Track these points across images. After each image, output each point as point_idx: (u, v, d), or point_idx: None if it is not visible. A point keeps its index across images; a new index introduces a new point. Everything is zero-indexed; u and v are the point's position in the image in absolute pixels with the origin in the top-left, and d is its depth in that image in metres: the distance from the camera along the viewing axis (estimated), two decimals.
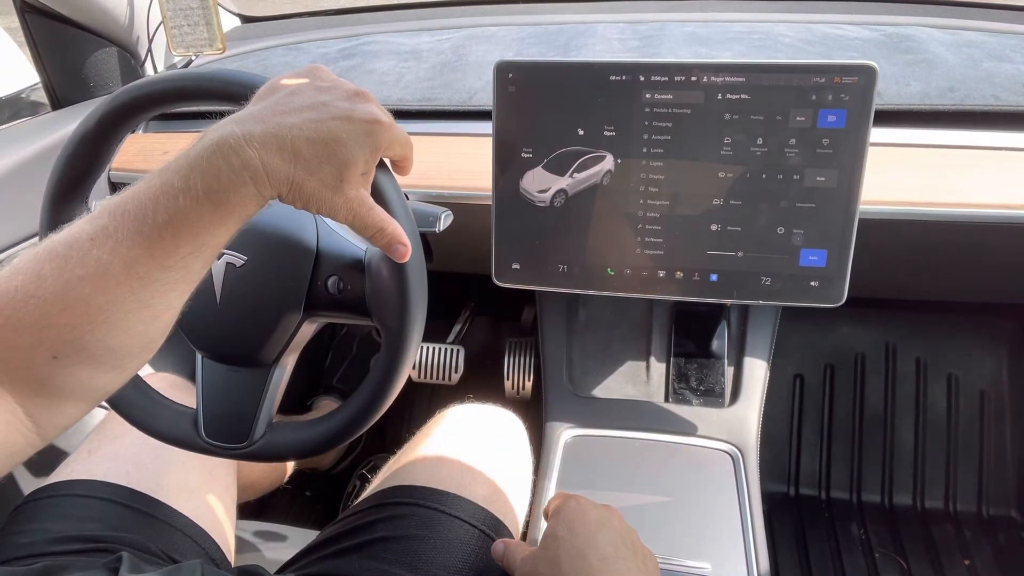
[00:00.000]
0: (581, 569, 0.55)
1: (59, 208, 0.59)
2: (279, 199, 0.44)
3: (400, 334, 0.56)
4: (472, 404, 0.89)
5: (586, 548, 0.56)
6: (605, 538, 0.57)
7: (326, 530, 0.76)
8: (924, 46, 1.01)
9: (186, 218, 0.40)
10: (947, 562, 1.18)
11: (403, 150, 0.51)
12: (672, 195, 0.76)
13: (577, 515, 0.60)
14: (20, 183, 0.90)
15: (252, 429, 0.60)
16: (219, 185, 0.40)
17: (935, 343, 1.33)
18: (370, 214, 0.47)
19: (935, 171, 0.82)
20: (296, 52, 1.19)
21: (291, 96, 0.45)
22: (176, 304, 0.43)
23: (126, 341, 0.41)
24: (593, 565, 0.55)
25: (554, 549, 0.57)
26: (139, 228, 0.39)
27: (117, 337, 0.41)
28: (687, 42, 1.09)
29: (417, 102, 0.97)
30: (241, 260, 0.57)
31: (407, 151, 0.52)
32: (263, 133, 0.42)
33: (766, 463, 1.25)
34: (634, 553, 0.58)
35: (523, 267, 0.82)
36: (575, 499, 0.62)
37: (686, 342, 0.97)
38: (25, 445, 0.41)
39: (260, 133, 0.42)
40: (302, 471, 1.32)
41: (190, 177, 0.40)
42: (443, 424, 0.84)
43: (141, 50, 1.13)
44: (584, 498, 0.63)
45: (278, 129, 0.42)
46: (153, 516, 0.71)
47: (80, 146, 0.57)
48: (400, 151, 0.51)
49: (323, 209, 0.45)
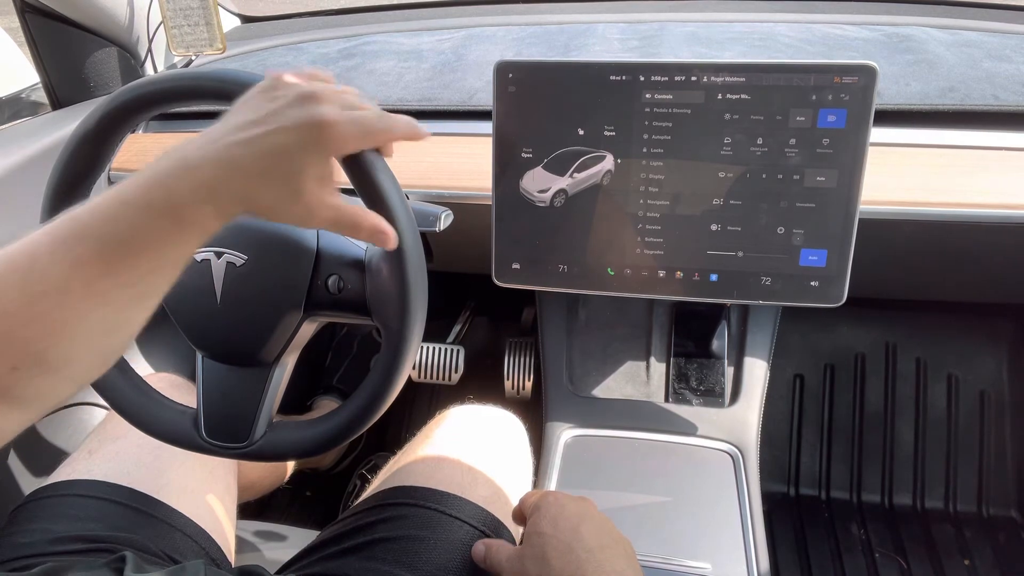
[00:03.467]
0: (569, 563, 0.55)
1: (59, 208, 0.59)
2: (245, 215, 0.45)
3: (400, 334, 0.56)
4: (472, 405, 0.89)
5: (572, 541, 0.57)
6: (588, 530, 0.58)
7: (326, 530, 0.76)
8: (924, 46, 1.01)
9: (146, 235, 0.40)
10: (947, 562, 1.18)
11: (373, 139, 0.49)
12: (672, 195, 0.76)
13: (558, 510, 0.60)
14: (20, 183, 0.90)
15: (252, 429, 0.60)
16: (179, 203, 0.41)
17: (935, 343, 1.33)
18: (340, 215, 0.47)
19: (935, 171, 0.82)
20: (296, 52, 1.19)
21: (244, 112, 0.45)
22: (138, 319, 0.43)
23: (86, 355, 0.41)
24: (581, 557, 0.55)
25: (540, 546, 0.58)
26: (99, 246, 0.39)
27: (77, 351, 0.41)
28: (687, 42, 1.09)
29: (417, 102, 0.97)
30: (241, 260, 0.57)
31: (382, 136, 0.49)
32: (215, 152, 0.42)
33: (766, 463, 1.26)
34: (615, 541, 0.59)
35: (523, 267, 0.82)
36: (552, 494, 0.63)
37: (686, 342, 0.97)
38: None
39: (214, 152, 0.42)
40: (302, 471, 1.32)
41: (151, 194, 0.40)
42: (443, 425, 0.84)
43: (141, 50, 1.13)
44: (561, 492, 0.64)
45: (228, 148, 0.42)
46: (153, 516, 0.71)
47: (80, 146, 0.57)
48: (370, 140, 0.49)
49: (291, 220, 0.45)
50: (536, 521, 0.61)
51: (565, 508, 0.61)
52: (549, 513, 0.60)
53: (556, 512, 0.60)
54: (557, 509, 0.61)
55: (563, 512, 0.60)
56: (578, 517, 0.59)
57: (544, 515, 0.60)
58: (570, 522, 0.59)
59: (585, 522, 0.59)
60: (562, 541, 0.57)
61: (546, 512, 0.61)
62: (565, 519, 0.59)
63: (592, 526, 0.59)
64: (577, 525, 0.59)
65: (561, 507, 0.61)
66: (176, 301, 0.60)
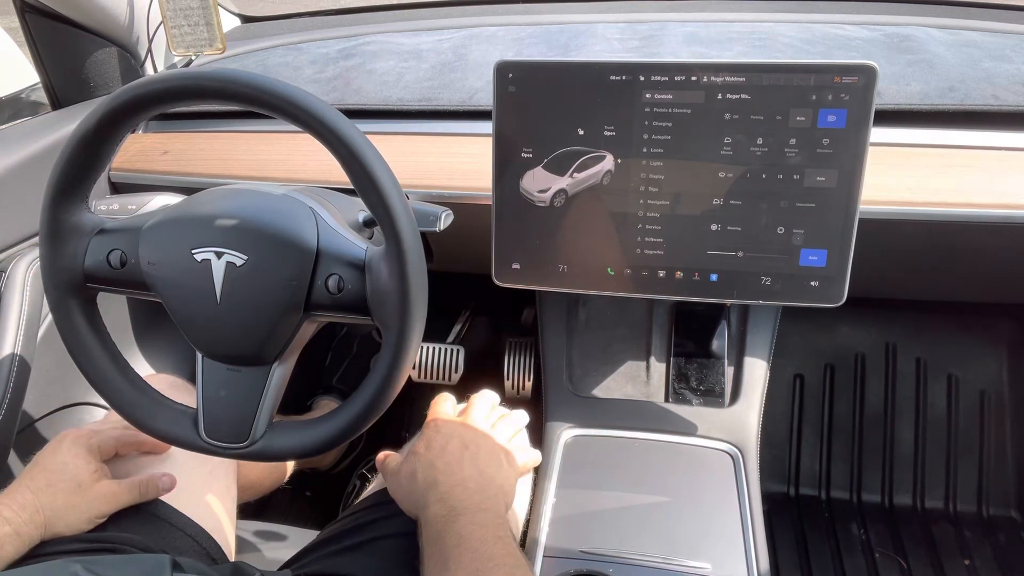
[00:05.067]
0: (427, 478, 0.64)
1: (59, 208, 0.59)
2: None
3: (400, 334, 0.56)
4: None
5: (435, 460, 0.66)
6: (453, 448, 0.67)
7: (326, 530, 0.76)
8: (924, 46, 1.01)
9: None
10: (947, 562, 1.18)
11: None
12: (672, 195, 0.76)
13: (433, 431, 0.70)
14: (20, 183, 0.90)
15: (252, 429, 0.60)
16: None
17: (935, 343, 1.33)
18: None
19: (935, 171, 0.82)
20: (296, 52, 1.19)
21: None
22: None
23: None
24: (437, 468, 0.64)
25: (412, 463, 0.67)
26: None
27: None
28: (687, 42, 1.09)
29: (417, 102, 0.97)
30: (241, 259, 0.57)
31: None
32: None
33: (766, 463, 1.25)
34: (488, 452, 0.68)
35: (523, 267, 0.82)
36: (435, 420, 0.72)
37: (686, 342, 0.97)
38: None
39: None
40: (302, 471, 1.32)
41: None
42: None
43: (141, 50, 1.13)
44: (443, 418, 0.72)
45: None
46: (153, 515, 0.71)
47: (80, 146, 0.57)
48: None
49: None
50: (415, 441, 0.71)
51: (440, 431, 0.70)
52: (426, 434, 0.70)
53: (431, 434, 0.69)
54: (433, 431, 0.70)
55: (437, 434, 0.69)
56: (446, 438, 0.68)
57: (423, 436, 0.70)
58: (439, 442, 0.67)
59: (452, 441, 0.68)
60: (427, 459, 0.66)
61: (424, 434, 0.70)
62: (437, 440, 0.68)
63: (456, 444, 0.67)
64: (445, 445, 0.67)
65: (436, 429, 0.70)
66: (176, 301, 0.60)
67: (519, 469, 0.72)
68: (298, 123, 0.54)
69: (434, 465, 0.65)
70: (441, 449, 0.67)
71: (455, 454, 0.66)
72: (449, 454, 0.66)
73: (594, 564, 0.72)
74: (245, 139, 0.99)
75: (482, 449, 0.68)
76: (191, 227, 0.59)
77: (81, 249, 0.60)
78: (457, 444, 0.68)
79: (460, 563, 0.54)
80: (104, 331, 0.64)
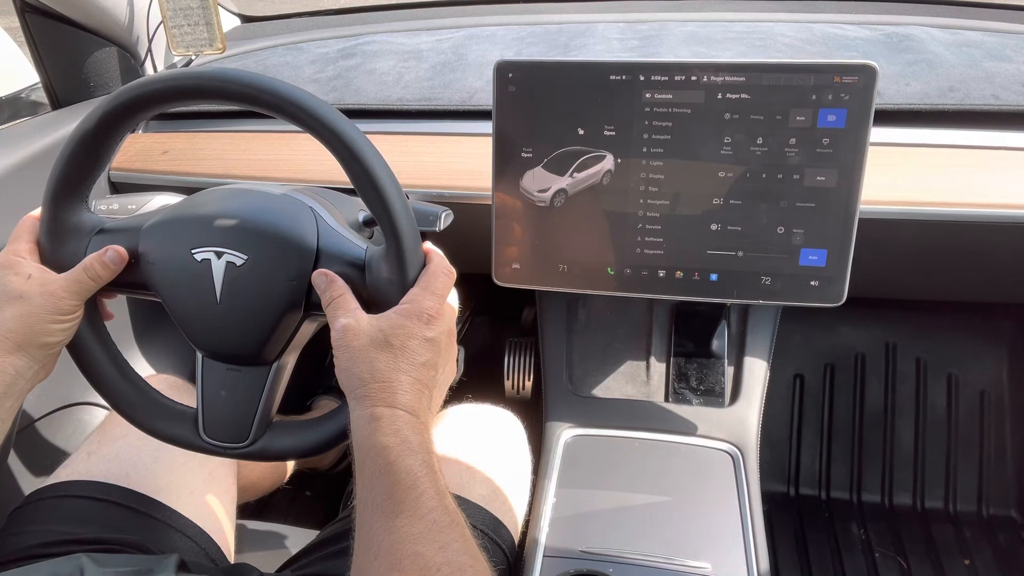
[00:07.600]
0: (359, 361, 0.54)
1: (59, 208, 0.59)
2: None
3: None
4: (471, 404, 0.89)
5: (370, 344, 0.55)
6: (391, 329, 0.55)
7: (326, 530, 0.76)
8: (924, 46, 1.01)
9: None
10: (947, 562, 1.18)
11: None
12: (672, 195, 0.76)
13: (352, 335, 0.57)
14: (20, 183, 0.90)
15: (252, 429, 0.60)
16: None
17: (935, 343, 1.33)
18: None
19: (935, 171, 0.82)
20: (296, 52, 1.19)
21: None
22: None
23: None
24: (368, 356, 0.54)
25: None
26: None
27: None
28: (687, 42, 1.09)
29: (417, 102, 0.97)
30: (241, 259, 0.57)
31: None
32: None
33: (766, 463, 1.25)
34: (418, 343, 0.56)
35: (523, 267, 0.82)
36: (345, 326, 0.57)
37: (686, 342, 0.97)
38: None
39: None
40: (302, 471, 1.32)
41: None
42: (443, 424, 0.84)
43: (141, 50, 1.13)
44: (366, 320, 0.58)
45: None
46: (153, 517, 0.71)
47: (80, 146, 0.57)
48: None
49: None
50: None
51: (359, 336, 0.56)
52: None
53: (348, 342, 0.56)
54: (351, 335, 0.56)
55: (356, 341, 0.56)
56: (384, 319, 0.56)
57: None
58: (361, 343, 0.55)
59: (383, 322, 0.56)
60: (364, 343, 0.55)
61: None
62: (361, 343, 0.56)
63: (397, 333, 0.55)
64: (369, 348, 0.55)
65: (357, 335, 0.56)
66: (176, 301, 0.60)
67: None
68: (298, 123, 0.54)
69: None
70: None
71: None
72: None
73: (594, 564, 0.72)
74: (245, 139, 0.99)
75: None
76: (191, 227, 0.59)
77: (81, 249, 0.60)
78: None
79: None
80: (104, 331, 0.63)
